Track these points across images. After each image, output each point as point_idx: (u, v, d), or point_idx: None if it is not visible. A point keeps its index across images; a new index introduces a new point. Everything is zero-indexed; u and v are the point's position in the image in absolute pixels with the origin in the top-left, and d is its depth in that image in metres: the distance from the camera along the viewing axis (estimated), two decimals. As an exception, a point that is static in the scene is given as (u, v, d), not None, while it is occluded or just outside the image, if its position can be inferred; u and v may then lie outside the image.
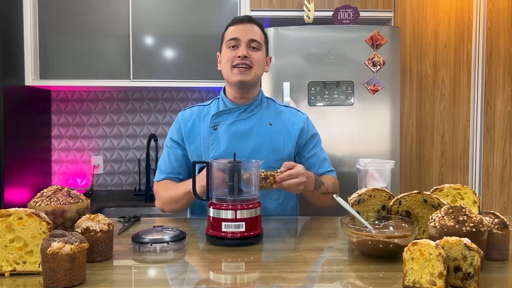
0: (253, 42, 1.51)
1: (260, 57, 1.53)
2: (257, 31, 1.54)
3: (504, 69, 2.63)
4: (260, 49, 1.53)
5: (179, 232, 1.16)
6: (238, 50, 1.50)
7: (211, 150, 1.52)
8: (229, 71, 1.51)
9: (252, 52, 1.51)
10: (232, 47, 1.51)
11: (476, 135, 2.65)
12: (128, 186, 2.93)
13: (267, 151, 1.52)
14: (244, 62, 1.49)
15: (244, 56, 1.48)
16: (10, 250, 0.93)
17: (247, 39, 1.50)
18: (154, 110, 2.95)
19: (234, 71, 1.50)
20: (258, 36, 1.53)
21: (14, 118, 2.41)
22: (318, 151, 1.63)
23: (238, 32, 1.51)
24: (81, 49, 2.56)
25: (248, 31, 1.52)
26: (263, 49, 1.55)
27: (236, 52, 1.50)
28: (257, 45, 1.52)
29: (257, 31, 1.54)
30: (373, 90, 2.33)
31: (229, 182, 1.19)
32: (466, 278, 0.85)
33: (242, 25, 1.52)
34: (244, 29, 1.52)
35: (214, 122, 1.55)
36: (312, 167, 1.57)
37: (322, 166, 1.62)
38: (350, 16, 2.44)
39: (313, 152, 1.62)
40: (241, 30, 1.51)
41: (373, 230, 1.05)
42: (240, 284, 0.92)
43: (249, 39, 1.50)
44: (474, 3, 2.61)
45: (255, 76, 1.53)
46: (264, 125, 1.56)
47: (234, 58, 1.50)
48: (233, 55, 1.50)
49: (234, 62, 1.50)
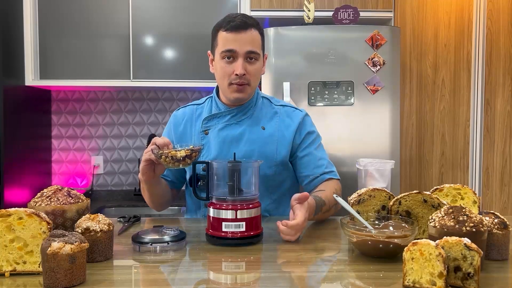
0: (251, 54, 1.40)
1: (258, 68, 1.45)
2: (255, 37, 1.42)
3: (504, 69, 2.63)
4: (258, 59, 1.43)
5: (179, 232, 1.16)
6: (235, 64, 1.40)
7: (201, 156, 1.45)
8: (226, 87, 1.44)
9: (249, 65, 1.41)
10: (228, 59, 1.41)
11: (476, 135, 2.65)
12: (128, 186, 2.93)
13: (259, 157, 1.43)
14: (241, 81, 1.40)
15: (242, 74, 1.39)
16: (10, 250, 0.93)
17: (244, 52, 1.39)
18: (154, 110, 2.95)
19: (231, 88, 1.42)
20: (256, 44, 1.42)
21: (14, 118, 2.41)
22: (313, 151, 1.52)
23: (234, 43, 1.39)
24: (81, 49, 2.56)
25: (245, 41, 1.39)
26: (260, 57, 1.45)
27: (233, 67, 1.40)
28: (255, 56, 1.42)
29: (254, 38, 1.42)
30: (373, 90, 2.33)
31: (229, 182, 1.19)
32: (466, 278, 0.85)
33: (238, 34, 1.39)
34: (241, 39, 1.39)
35: (205, 126, 1.50)
36: (305, 168, 1.50)
37: (319, 167, 1.51)
38: (350, 16, 2.44)
39: (307, 151, 1.51)
40: (238, 41, 1.39)
41: (373, 230, 1.05)
42: (240, 284, 0.92)
43: (247, 52, 1.39)
44: (474, 3, 2.61)
45: (252, 91, 1.47)
46: (256, 129, 1.48)
47: (231, 74, 1.41)
48: (229, 71, 1.41)
49: (231, 79, 1.41)
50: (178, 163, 1.17)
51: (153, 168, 1.29)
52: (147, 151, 1.25)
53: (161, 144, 1.21)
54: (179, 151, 1.17)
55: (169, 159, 1.16)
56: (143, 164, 1.28)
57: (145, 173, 1.29)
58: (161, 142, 1.21)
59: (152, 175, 1.31)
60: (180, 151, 1.17)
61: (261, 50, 1.46)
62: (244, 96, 1.45)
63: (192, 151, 1.18)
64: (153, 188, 1.43)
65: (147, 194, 1.45)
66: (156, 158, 1.19)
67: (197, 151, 1.19)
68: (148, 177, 1.31)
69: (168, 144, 1.22)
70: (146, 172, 1.29)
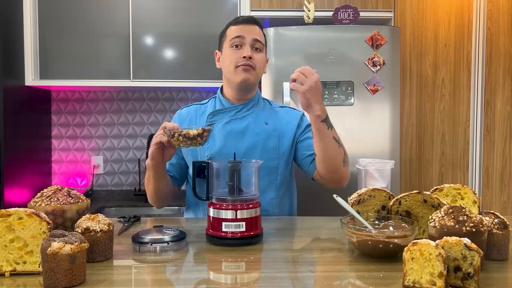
0: (257, 43, 1.53)
1: (262, 58, 1.56)
2: (260, 33, 1.56)
3: (504, 69, 2.63)
4: (262, 51, 1.56)
5: (179, 232, 1.16)
6: (242, 50, 1.51)
7: (206, 149, 1.52)
8: (233, 71, 1.52)
9: (255, 53, 1.53)
10: (236, 47, 1.52)
11: (476, 135, 2.65)
12: (128, 186, 2.93)
13: (262, 150, 1.52)
14: (248, 63, 1.50)
15: (249, 57, 1.50)
16: (10, 250, 0.93)
17: (251, 39, 1.52)
18: (154, 110, 2.95)
19: (238, 70, 1.51)
20: (261, 37, 1.56)
21: (14, 118, 2.41)
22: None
23: (243, 31, 1.52)
24: (81, 49, 2.56)
25: (253, 31, 1.54)
26: (264, 51, 1.58)
27: (241, 52, 1.51)
28: (260, 46, 1.54)
29: (260, 33, 1.56)
30: (373, 90, 2.33)
31: (229, 182, 1.19)
32: (466, 278, 0.85)
33: (247, 25, 1.54)
34: (248, 29, 1.53)
35: (210, 120, 1.56)
36: (307, 148, 1.55)
37: None
38: (350, 16, 2.44)
39: (308, 135, 1.57)
40: (246, 30, 1.53)
41: (373, 230, 1.05)
42: (240, 284, 0.92)
43: (254, 39, 1.52)
44: (474, 3, 2.61)
45: (257, 77, 1.55)
46: (259, 124, 1.56)
47: (238, 58, 1.50)
48: (237, 56, 1.51)
49: (238, 61, 1.51)
50: (190, 142, 1.21)
51: (162, 152, 1.33)
52: (157, 135, 1.30)
53: (171, 128, 1.26)
54: (192, 130, 1.21)
55: (182, 138, 1.21)
56: (152, 148, 1.32)
57: (154, 157, 1.34)
58: (170, 125, 1.27)
59: (160, 160, 1.35)
60: (193, 129, 1.21)
61: (264, 46, 1.58)
62: (249, 78, 1.52)
63: (204, 130, 1.22)
64: (159, 177, 1.44)
65: (152, 183, 1.46)
66: (169, 137, 1.23)
67: (208, 131, 1.23)
68: (157, 161, 1.35)
69: (177, 127, 1.27)
70: (155, 156, 1.33)
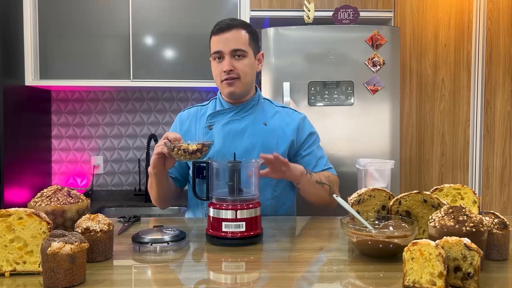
0: (237, 51, 1.49)
1: (247, 64, 1.52)
2: (240, 36, 1.50)
3: (504, 69, 2.63)
4: (246, 56, 1.51)
5: (179, 232, 1.16)
6: (223, 63, 1.50)
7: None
8: (219, 84, 1.54)
9: (237, 62, 1.50)
10: (218, 59, 1.52)
11: (476, 135, 2.65)
12: (128, 186, 2.93)
13: (261, 150, 1.51)
14: (230, 76, 1.50)
15: (230, 70, 1.49)
16: (10, 250, 0.93)
17: (229, 51, 1.49)
18: (154, 110, 2.95)
19: (223, 84, 1.52)
20: (241, 42, 1.50)
21: (14, 118, 2.41)
22: (315, 150, 1.62)
23: (220, 44, 1.50)
24: (81, 49, 2.56)
25: (230, 40, 1.49)
26: (250, 54, 1.53)
27: (222, 65, 1.50)
28: (242, 53, 1.50)
29: (239, 36, 1.50)
30: (373, 90, 2.33)
31: (229, 182, 1.19)
32: (466, 278, 0.85)
33: (222, 35, 1.49)
34: (225, 39, 1.49)
35: (210, 122, 1.58)
36: (307, 165, 1.57)
37: (318, 164, 1.61)
38: (350, 16, 2.44)
39: (309, 151, 1.61)
40: (223, 41, 1.49)
41: (373, 230, 1.05)
42: (240, 284, 0.92)
43: (231, 50, 1.49)
44: (474, 3, 2.61)
45: (244, 85, 1.53)
46: (258, 125, 1.56)
47: (221, 72, 1.51)
48: (219, 70, 1.51)
49: (221, 76, 1.51)
50: (189, 156, 1.23)
51: (164, 162, 1.37)
52: (158, 145, 1.33)
53: (173, 139, 1.28)
54: (191, 145, 1.23)
55: (181, 152, 1.23)
56: (154, 157, 1.35)
57: (156, 166, 1.38)
58: (172, 136, 1.29)
59: (162, 169, 1.39)
60: (192, 144, 1.23)
61: (250, 47, 1.54)
62: (235, 90, 1.52)
63: (203, 145, 1.24)
64: (161, 183, 1.49)
65: (154, 189, 1.51)
66: (169, 150, 1.26)
67: (208, 145, 1.25)
68: (158, 170, 1.39)
69: (179, 139, 1.30)
70: (157, 165, 1.37)
